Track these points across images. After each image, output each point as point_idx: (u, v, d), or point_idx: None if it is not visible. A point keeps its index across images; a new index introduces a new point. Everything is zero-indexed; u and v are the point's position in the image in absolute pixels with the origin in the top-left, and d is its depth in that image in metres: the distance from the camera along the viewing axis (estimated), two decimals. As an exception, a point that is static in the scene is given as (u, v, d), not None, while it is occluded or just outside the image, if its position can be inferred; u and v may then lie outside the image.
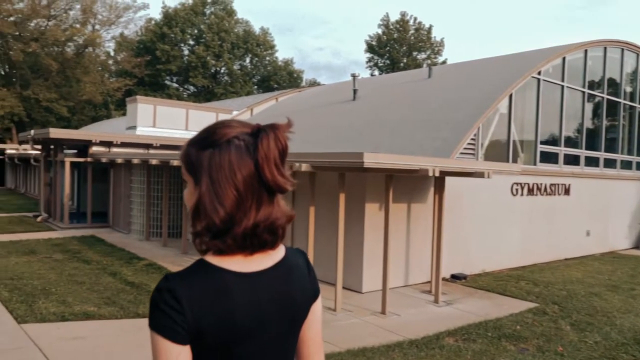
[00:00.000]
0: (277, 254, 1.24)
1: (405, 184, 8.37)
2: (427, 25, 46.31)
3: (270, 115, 17.39)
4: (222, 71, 48.67)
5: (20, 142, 25.69)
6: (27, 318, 5.93)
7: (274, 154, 1.13)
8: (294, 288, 1.24)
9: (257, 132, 1.15)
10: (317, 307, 1.33)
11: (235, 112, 18.47)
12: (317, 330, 1.34)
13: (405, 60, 45.81)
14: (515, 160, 10.69)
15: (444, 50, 49.79)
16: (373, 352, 5.35)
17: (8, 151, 29.56)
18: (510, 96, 10.48)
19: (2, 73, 39.98)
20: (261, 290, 1.18)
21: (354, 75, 13.93)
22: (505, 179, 10.27)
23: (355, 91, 13.96)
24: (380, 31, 47.24)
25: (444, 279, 8.62)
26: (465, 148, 9.56)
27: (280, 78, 49.27)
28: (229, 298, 1.13)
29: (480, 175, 7.22)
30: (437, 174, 6.53)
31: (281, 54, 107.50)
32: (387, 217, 6.87)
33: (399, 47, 46.27)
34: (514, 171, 8.71)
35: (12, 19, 36.96)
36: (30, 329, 5.57)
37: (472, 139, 9.73)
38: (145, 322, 6.18)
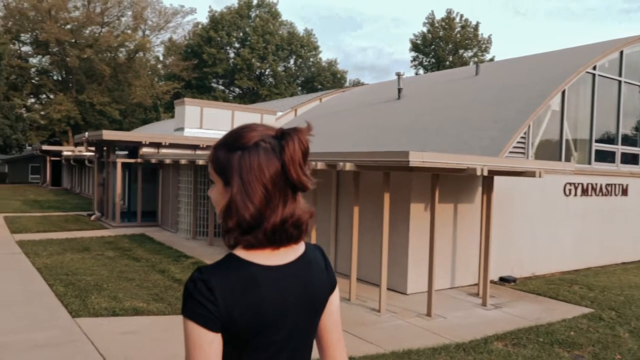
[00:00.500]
0: (298, 249, 1.33)
1: (451, 184, 8.17)
2: (473, 23, 45.33)
3: (314, 115, 17.43)
4: (266, 73, 49.28)
5: (76, 144, 26.89)
6: (81, 312, 6.15)
7: (299, 155, 1.23)
8: (314, 280, 1.33)
9: (282, 136, 1.25)
10: (334, 298, 1.41)
11: (279, 113, 18.62)
12: (337, 320, 1.43)
13: (450, 59, 44.96)
14: (568, 160, 10.25)
15: (491, 47, 48.56)
16: (419, 354, 5.24)
17: (64, 153, 30.98)
18: (563, 93, 10.06)
19: (60, 79, 41.91)
20: (286, 282, 1.26)
21: (398, 74, 13.76)
22: (558, 178, 9.87)
23: (400, 90, 13.79)
24: (425, 29, 46.58)
25: (492, 282, 8.37)
26: (514, 147, 9.25)
27: (324, 79, 49.40)
28: (258, 289, 1.21)
29: (531, 174, 6.96)
30: (485, 173, 6.33)
31: (325, 55, 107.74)
32: (433, 217, 6.72)
33: (445, 45, 45.46)
34: (567, 170, 8.35)
35: (68, 27, 38.71)
36: (83, 323, 5.78)
37: (522, 137, 9.40)
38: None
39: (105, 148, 16.35)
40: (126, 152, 15.88)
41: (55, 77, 41.67)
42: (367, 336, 5.80)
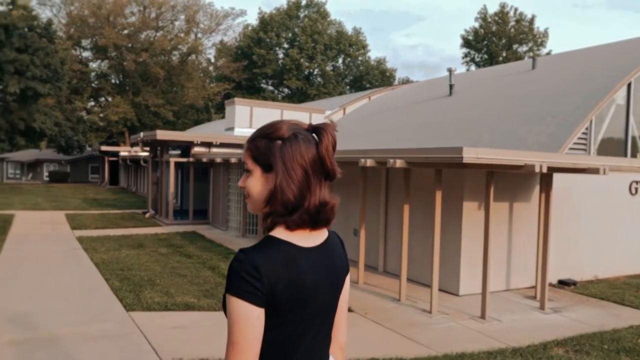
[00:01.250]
0: (325, 233, 1.46)
1: (507, 182, 7.84)
2: (528, 16, 43.72)
3: (363, 113, 17.27)
4: (315, 73, 49.44)
5: (132, 145, 27.87)
6: (135, 306, 6.29)
7: (331, 147, 1.39)
8: (337, 262, 1.47)
9: (315, 129, 1.40)
10: (347, 280, 1.55)
11: (328, 112, 18.58)
12: (346, 300, 1.58)
13: (504, 54, 43.57)
14: (634, 156, 9.64)
15: (547, 41, 46.63)
16: (472, 358, 5.02)
17: (121, 153, 32.22)
18: (629, 85, 9.47)
19: (117, 82, 43.63)
20: (317, 263, 1.38)
21: (450, 70, 13.40)
22: (623, 176, 9.29)
23: (451, 86, 13.43)
24: (477, 25, 45.35)
25: (550, 285, 7.98)
26: (575, 143, 8.78)
27: (372, 77, 49.05)
28: (296, 267, 1.32)
29: (594, 171, 6.55)
30: (544, 170, 6.01)
31: (373, 54, 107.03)
32: (488, 216, 6.45)
33: (498, 41, 44.10)
34: (634, 167, 7.84)
35: (125, 32, 40.25)
36: (137, 317, 5.91)
37: (584, 133, 8.91)
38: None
39: (159, 148, 16.83)
40: (179, 152, 16.28)
41: (113, 81, 43.42)
42: (418, 337, 5.63)
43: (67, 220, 15.38)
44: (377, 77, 49.27)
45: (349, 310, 6.61)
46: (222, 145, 15.61)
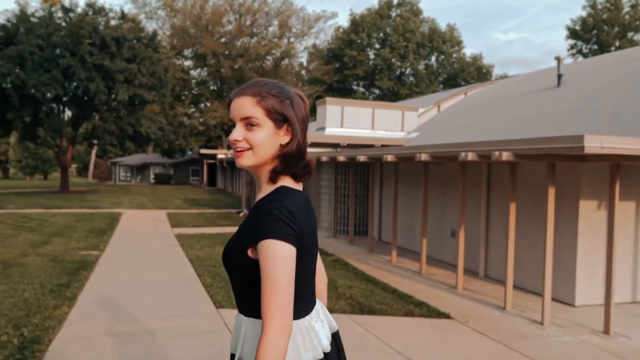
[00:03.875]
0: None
1: (634, 177, 6.83)
2: (646, 0, 39.54)
3: (458, 109, 16.38)
4: (407, 72, 48.43)
5: (228, 147, 28.89)
6: (224, 303, 6.21)
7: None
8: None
9: (298, 95, 1.58)
10: None
11: (421, 110, 17.86)
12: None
13: (617, 44, 39.76)
14: None
15: (669, 27, 41.85)
16: (598, 381, 4.29)
17: (219, 156, 33.59)
18: None
19: (215, 88, 45.68)
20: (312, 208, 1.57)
21: (558, 58, 12.19)
22: None
23: (559, 76, 12.22)
24: (584, 13, 41.86)
25: (689, 298, 6.83)
26: None
27: (467, 74, 47.06)
28: (310, 210, 1.53)
29: None
30: (685, 162, 5.07)
31: (468, 50, 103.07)
32: (612, 216, 5.59)
33: (610, 29, 40.36)
34: None
35: (222, 40, 42.03)
36: (225, 314, 5.80)
37: None
38: (332, 317, 6.07)
39: (252, 148, 17.11)
40: (271, 152, 16.43)
41: (211, 87, 45.51)
42: (530, 352, 4.96)
43: (167, 218, 16.11)
44: (473, 74, 47.18)
45: (448, 317, 6.06)
46: (313, 145, 15.51)
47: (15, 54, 23.09)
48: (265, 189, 1.50)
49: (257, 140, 1.45)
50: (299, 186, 1.52)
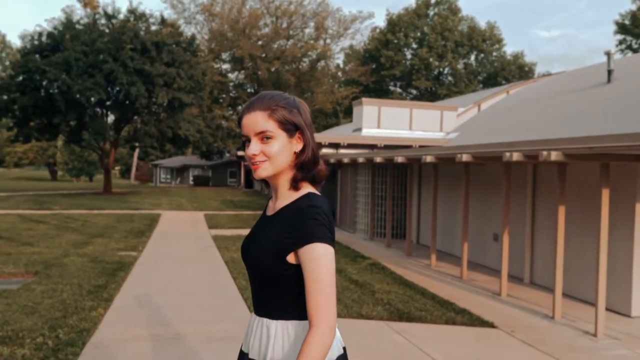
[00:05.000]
0: None
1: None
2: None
3: (500, 108, 15.84)
4: (445, 72, 47.57)
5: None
6: (259, 307, 6.08)
7: None
8: None
9: (301, 102, 1.66)
10: None
11: (460, 109, 17.39)
12: None
13: (670, 38, 37.87)
14: None
15: None
16: (662, 401, 3.92)
17: (256, 158, 33.70)
18: None
19: (252, 91, 46.06)
20: None
21: (608, 53, 11.55)
22: None
23: (610, 72, 11.60)
24: (635, 7, 40.03)
25: None
26: None
27: (508, 73, 45.80)
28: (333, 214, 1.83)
29: None
30: None
31: (509, 49, 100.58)
32: (673, 220, 5.16)
33: (661, 23, 38.45)
34: None
35: (259, 43, 42.35)
36: (260, 319, 5.66)
37: None
38: (369, 324, 5.90)
39: (288, 150, 17.04)
40: (307, 154, 16.30)
41: (248, 90, 45.92)
42: (583, 367, 4.61)
43: (205, 220, 16.22)
44: (514, 72, 45.86)
45: (492, 326, 5.74)
46: (349, 146, 15.31)
47: (61, 60, 23.84)
48: (288, 196, 1.58)
49: (274, 152, 1.52)
50: (318, 191, 1.60)
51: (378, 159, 10.78)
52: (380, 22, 74.76)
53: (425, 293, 7.09)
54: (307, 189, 1.57)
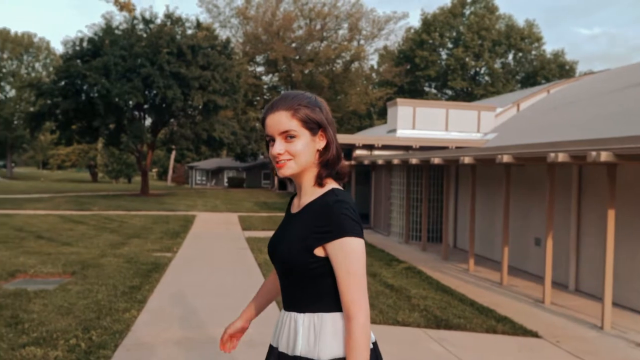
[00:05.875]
0: None
1: None
2: None
3: (540, 108, 15.30)
4: (481, 72, 46.58)
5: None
6: (291, 311, 5.96)
7: None
8: None
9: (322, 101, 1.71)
10: None
11: (498, 109, 16.91)
12: None
13: None
14: None
15: None
16: None
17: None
18: None
19: (286, 93, 46.23)
20: None
21: (657, 48, 10.99)
22: None
23: (659, 68, 11.01)
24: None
25: None
26: None
27: (548, 72, 44.48)
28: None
29: None
30: None
31: (549, 47, 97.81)
32: None
33: None
34: None
35: (293, 45, 42.47)
36: (293, 324, 5.54)
37: None
38: (405, 331, 5.70)
39: (322, 151, 16.93)
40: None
41: (282, 92, 46.12)
42: (637, 382, 4.29)
43: (239, 221, 16.28)
44: (555, 71, 44.51)
45: (536, 335, 5.45)
46: (384, 147, 15.10)
47: (101, 65, 24.46)
48: (312, 192, 1.61)
49: (298, 150, 1.56)
50: (341, 187, 1.65)
51: (414, 161, 10.54)
52: (415, 22, 73.96)
53: (464, 299, 6.83)
54: (331, 185, 1.61)
